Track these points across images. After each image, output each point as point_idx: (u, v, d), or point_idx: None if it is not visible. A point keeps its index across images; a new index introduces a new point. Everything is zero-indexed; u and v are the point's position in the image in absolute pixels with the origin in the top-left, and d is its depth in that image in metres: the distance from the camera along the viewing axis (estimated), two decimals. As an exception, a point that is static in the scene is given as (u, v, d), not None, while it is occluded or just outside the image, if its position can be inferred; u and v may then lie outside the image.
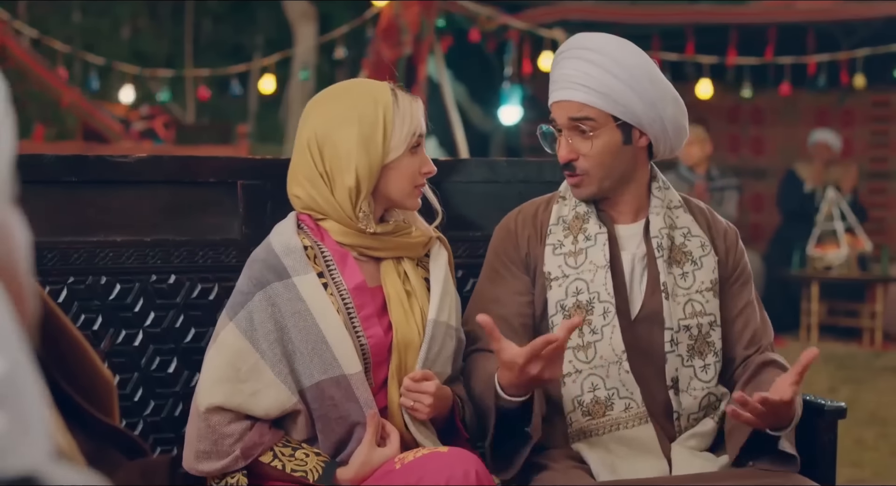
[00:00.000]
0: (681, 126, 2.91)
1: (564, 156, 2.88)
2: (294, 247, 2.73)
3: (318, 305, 2.68)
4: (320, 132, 2.75)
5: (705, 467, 2.80)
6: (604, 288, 2.85)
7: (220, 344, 2.70)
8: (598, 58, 2.83)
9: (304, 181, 2.78)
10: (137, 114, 13.11)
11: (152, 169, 3.01)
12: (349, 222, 2.76)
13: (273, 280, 2.69)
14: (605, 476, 2.76)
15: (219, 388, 2.66)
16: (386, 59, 10.51)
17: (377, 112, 2.74)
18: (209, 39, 20.11)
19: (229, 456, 2.65)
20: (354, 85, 2.88)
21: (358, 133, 2.72)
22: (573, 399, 2.86)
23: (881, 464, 5.99)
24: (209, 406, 2.65)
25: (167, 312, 3.00)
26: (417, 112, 2.80)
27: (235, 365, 2.67)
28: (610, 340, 2.83)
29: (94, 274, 2.93)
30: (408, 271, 2.83)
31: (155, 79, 14.23)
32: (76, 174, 2.91)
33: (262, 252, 2.76)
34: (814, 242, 10.30)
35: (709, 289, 2.93)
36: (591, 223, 2.91)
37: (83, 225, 2.92)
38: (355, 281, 2.76)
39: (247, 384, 2.66)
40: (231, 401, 2.65)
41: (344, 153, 2.72)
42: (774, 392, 2.62)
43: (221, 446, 2.66)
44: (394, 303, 2.78)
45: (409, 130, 2.78)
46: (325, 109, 2.78)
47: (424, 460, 2.56)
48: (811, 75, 11.08)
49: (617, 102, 2.81)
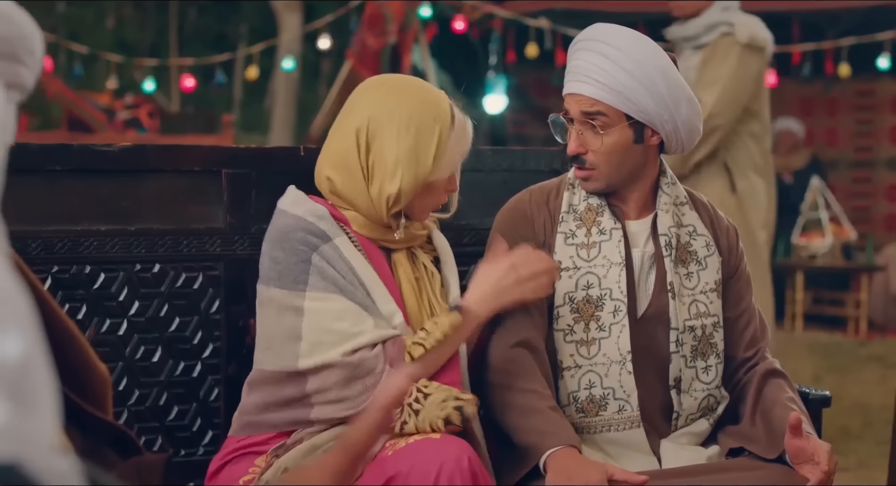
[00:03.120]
0: (694, 127, 2.87)
1: (574, 149, 2.85)
2: (322, 213, 2.72)
3: (359, 264, 2.69)
4: (373, 125, 2.72)
5: (693, 460, 2.80)
6: (616, 285, 2.84)
7: (312, 314, 2.65)
8: (613, 52, 2.78)
9: (340, 166, 2.75)
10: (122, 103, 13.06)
11: (137, 158, 3.00)
12: (376, 219, 2.75)
13: (319, 243, 2.67)
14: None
15: (338, 346, 2.63)
16: (371, 48, 10.49)
17: (435, 128, 2.72)
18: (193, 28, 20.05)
19: (377, 375, 2.62)
20: (416, 86, 2.82)
21: (412, 144, 2.70)
22: (569, 394, 2.85)
23: (866, 453, 6.00)
24: (348, 349, 2.62)
25: (151, 301, 2.99)
26: (469, 133, 2.80)
27: (343, 318, 2.64)
28: (617, 339, 2.82)
29: (78, 263, 2.92)
30: (418, 256, 2.84)
31: (139, 68, 14.17)
32: (60, 163, 2.90)
33: (292, 222, 2.71)
34: (798, 231, 10.32)
35: (713, 290, 2.92)
36: (606, 218, 2.89)
37: (67, 214, 2.91)
38: (383, 269, 2.76)
39: (363, 325, 2.65)
40: (359, 341, 2.63)
41: (392, 158, 2.70)
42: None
43: (375, 364, 2.62)
44: (407, 292, 2.78)
45: (460, 151, 2.77)
46: (384, 102, 2.74)
47: (417, 446, 2.55)
48: (796, 64, 11.09)
49: (630, 100, 2.78)
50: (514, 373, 2.79)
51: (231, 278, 3.02)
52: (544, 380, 2.79)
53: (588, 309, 2.84)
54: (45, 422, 1.01)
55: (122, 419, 2.93)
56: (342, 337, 2.63)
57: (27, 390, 1.00)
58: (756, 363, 2.94)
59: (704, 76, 5.09)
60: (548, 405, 2.74)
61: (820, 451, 2.66)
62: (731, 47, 5.10)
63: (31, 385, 1.00)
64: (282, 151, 3.28)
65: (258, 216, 2.99)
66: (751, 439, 2.81)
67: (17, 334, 1.00)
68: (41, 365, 1.03)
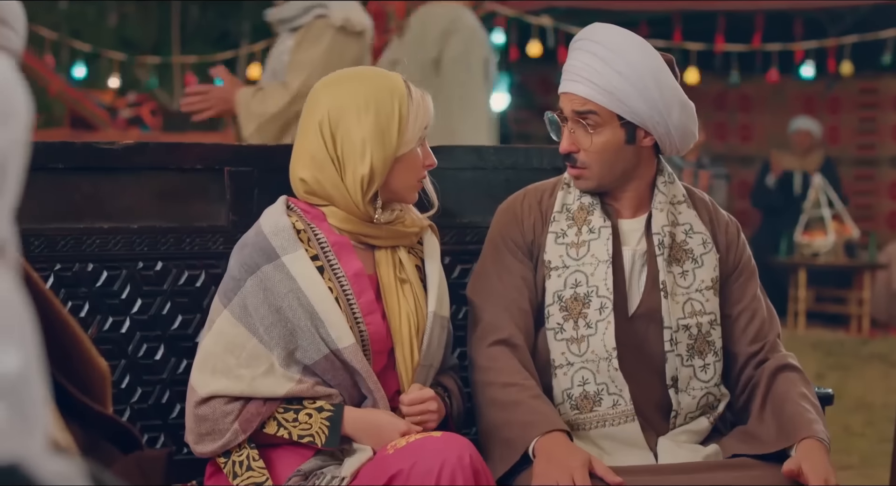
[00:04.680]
0: (688, 131, 2.88)
1: (565, 148, 2.86)
2: (283, 226, 2.73)
3: (308, 282, 2.69)
4: (333, 115, 2.74)
5: (690, 457, 2.79)
6: (603, 283, 2.84)
7: (216, 333, 2.70)
8: (606, 53, 2.79)
9: (310, 164, 2.77)
10: (124, 101, 13.06)
11: (139, 156, 3.00)
12: (354, 209, 2.76)
13: (263, 263, 2.68)
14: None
15: (219, 378, 2.66)
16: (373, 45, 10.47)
17: (393, 103, 2.74)
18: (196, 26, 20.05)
19: (228, 432, 2.65)
20: (367, 72, 2.88)
21: (374, 122, 2.72)
22: (563, 392, 2.85)
23: (868, 451, 6.00)
24: (210, 395, 2.66)
25: (154, 299, 2.99)
26: (429, 105, 2.81)
27: (234, 353, 2.67)
28: (603, 336, 2.82)
29: (80, 261, 2.92)
30: (402, 259, 2.83)
31: (142, 66, 14.17)
32: (63, 161, 2.90)
33: (251, 235, 2.76)
34: (801, 229, 10.32)
35: (709, 287, 2.91)
36: (596, 216, 2.89)
37: (70, 212, 2.91)
38: (354, 268, 2.76)
39: (248, 370, 2.66)
40: (232, 389, 2.66)
41: (359, 141, 2.72)
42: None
43: (222, 424, 2.66)
44: (388, 291, 2.78)
45: (421, 123, 2.78)
46: (339, 92, 2.77)
47: (418, 444, 2.56)
48: (798, 62, 11.09)
49: (621, 101, 2.79)
50: (493, 370, 2.81)
51: (233, 276, 3.02)
52: (527, 373, 2.81)
53: (576, 307, 2.85)
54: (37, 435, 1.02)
55: (124, 417, 2.93)
56: (224, 371, 2.67)
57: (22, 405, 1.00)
58: (765, 358, 2.92)
59: (295, 59, 4.81)
60: (529, 395, 2.75)
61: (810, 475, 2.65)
62: (324, 30, 4.83)
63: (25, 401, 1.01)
64: (284, 148, 3.27)
65: (260, 214, 2.99)
66: (758, 437, 2.80)
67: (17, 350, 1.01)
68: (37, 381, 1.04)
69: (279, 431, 2.67)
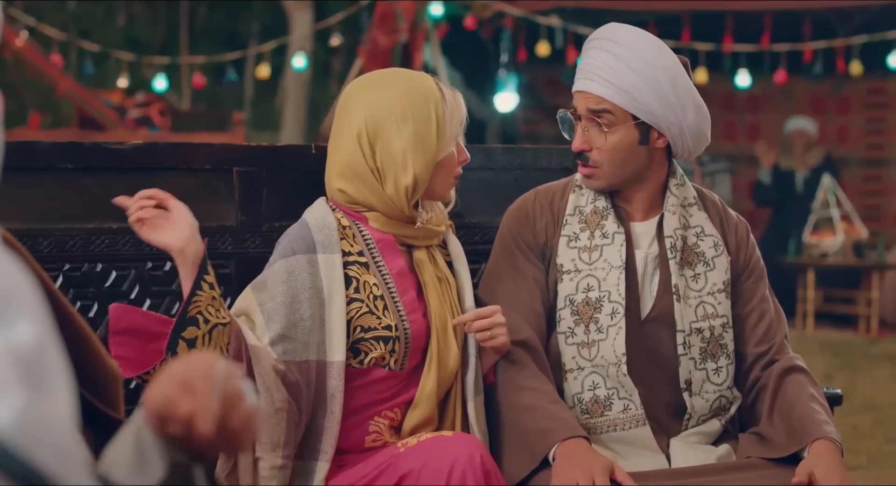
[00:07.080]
0: (702, 134, 2.88)
1: (578, 146, 2.86)
2: (328, 223, 2.74)
3: (333, 287, 2.69)
4: (370, 126, 2.73)
5: (702, 459, 2.79)
6: (615, 288, 2.84)
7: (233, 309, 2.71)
8: (623, 52, 2.79)
9: (351, 176, 2.76)
10: (133, 101, 13.08)
11: (148, 156, 3.00)
12: (398, 215, 2.77)
13: (299, 251, 2.69)
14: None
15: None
16: (381, 46, 10.49)
17: (430, 109, 2.74)
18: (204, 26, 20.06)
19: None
20: (399, 75, 2.86)
21: (413, 132, 2.72)
22: (573, 396, 2.85)
23: (877, 451, 6.00)
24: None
25: (163, 299, 2.99)
26: (461, 103, 2.81)
27: (235, 314, 2.67)
28: (613, 341, 2.82)
29: (89, 261, 2.92)
30: (436, 257, 2.85)
31: (150, 66, 14.19)
32: (72, 161, 2.91)
33: (295, 227, 2.77)
34: (809, 229, 10.30)
35: (721, 290, 2.91)
36: (610, 221, 2.89)
37: (79, 212, 2.91)
38: (398, 266, 2.78)
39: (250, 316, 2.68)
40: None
41: (399, 152, 2.71)
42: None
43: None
44: (430, 289, 2.80)
45: (456, 124, 2.79)
46: (373, 100, 2.75)
47: (429, 443, 2.56)
48: (807, 62, 11.08)
49: (636, 100, 2.79)
50: (511, 373, 2.81)
51: (242, 276, 3.01)
52: (543, 376, 2.81)
53: (587, 311, 2.84)
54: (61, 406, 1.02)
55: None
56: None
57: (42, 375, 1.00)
58: (773, 360, 2.92)
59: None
60: (547, 401, 2.75)
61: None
62: None
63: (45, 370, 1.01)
64: (293, 148, 3.28)
65: (269, 214, 2.99)
66: (769, 440, 2.79)
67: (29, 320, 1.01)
68: (54, 350, 1.03)
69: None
